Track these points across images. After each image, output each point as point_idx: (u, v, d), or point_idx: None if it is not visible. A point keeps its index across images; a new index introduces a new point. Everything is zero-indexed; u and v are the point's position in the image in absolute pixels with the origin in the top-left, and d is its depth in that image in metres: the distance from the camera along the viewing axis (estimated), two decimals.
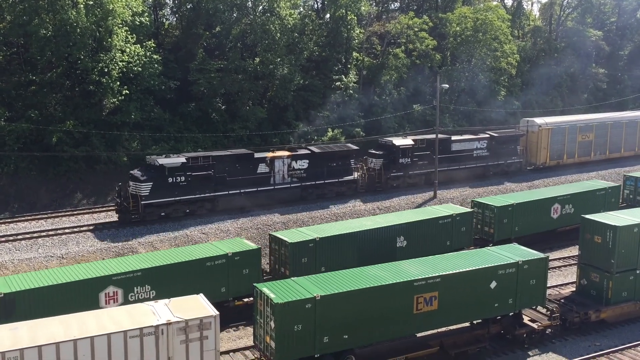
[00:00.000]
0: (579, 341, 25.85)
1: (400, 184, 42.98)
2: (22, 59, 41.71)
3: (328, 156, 39.63)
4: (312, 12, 55.86)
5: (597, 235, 26.80)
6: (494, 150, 46.85)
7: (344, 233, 29.06)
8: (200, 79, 44.80)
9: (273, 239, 28.93)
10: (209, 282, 24.85)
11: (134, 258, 25.65)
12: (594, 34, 70.45)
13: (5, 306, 20.87)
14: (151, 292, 23.85)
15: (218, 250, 25.94)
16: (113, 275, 23.21)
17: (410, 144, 42.79)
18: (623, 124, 54.44)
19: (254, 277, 25.75)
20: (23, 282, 22.29)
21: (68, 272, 23.49)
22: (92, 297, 22.67)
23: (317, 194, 39.70)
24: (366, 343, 22.48)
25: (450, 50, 57.62)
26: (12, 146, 37.04)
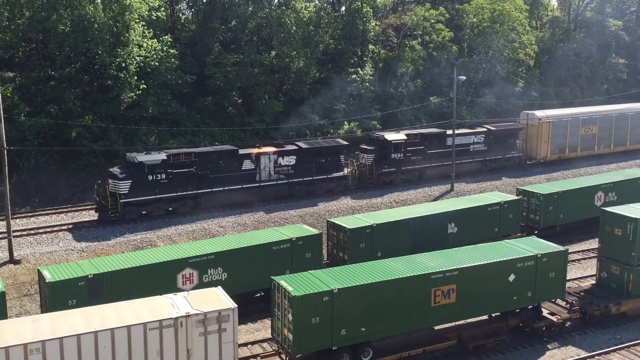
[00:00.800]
0: (599, 334, 25.61)
1: (393, 180, 41.91)
2: (41, 54, 42.13)
3: (316, 152, 38.63)
4: (327, 4, 55.68)
5: (617, 227, 26.49)
6: (491, 145, 45.74)
7: (399, 220, 30.34)
8: (216, 72, 44.93)
9: (331, 225, 30.21)
10: (275, 265, 26.30)
11: (207, 242, 27.64)
12: (614, 24, 69.43)
13: (94, 286, 22.65)
14: (223, 274, 25.52)
15: (283, 235, 27.48)
16: (189, 258, 24.89)
17: (402, 139, 41.69)
18: (629, 116, 53.04)
19: (316, 261, 27.64)
20: (109, 264, 23.91)
21: (148, 255, 25.26)
22: (171, 278, 24.40)
23: (306, 191, 38.76)
24: (384, 336, 22.49)
25: (467, 42, 57.14)
26: (32, 141, 37.48)
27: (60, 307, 21.08)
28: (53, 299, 22.01)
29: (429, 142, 42.95)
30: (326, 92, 49.72)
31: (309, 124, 46.84)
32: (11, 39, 39.99)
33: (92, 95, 40.86)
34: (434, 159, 43.04)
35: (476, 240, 30.68)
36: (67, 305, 21.74)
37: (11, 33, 40.14)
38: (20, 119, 37.33)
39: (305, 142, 39.53)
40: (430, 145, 42.96)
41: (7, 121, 32.82)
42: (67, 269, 23.34)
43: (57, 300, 22.01)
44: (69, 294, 22.28)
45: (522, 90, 58.00)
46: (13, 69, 41.18)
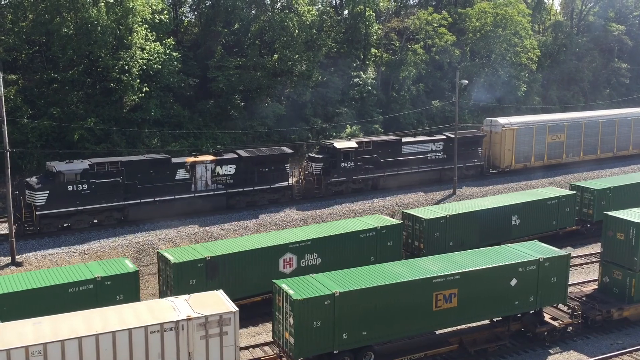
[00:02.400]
0: (601, 339, 25.56)
1: (344, 190, 40.07)
2: (44, 57, 42.25)
3: (258, 161, 36.74)
4: (330, 8, 55.79)
5: (620, 232, 26.44)
6: (451, 153, 43.03)
7: (469, 211, 32.30)
8: (219, 76, 45.00)
9: (406, 216, 32.04)
10: (361, 252, 28.36)
11: (303, 229, 29.86)
12: (617, 29, 69.44)
13: (211, 268, 24.97)
14: (317, 259, 27.54)
15: (368, 225, 29.20)
16: (290, 243, 26.98)
17: (353, 147, 39.78)
18: (599, 124, 50.99)
19: (397, 249, 29.57)
20: (221, 248, 26.20)
21: (254, 240, 27.55)
22: (274, 262, 26.54)
23: (247, 202, 37.00)
24: (385, 340, 22.46)
25: (470, 46, 57.17)
26: (35, 143, 37.56)
27: (183, 286, 23.91)
28: (178, 279, 24.32)
29: (383, 151, 40.98)
30: (328, 95, 49.77)
31: (311, 127, 46.88)
32: (15, 42, 40.11)
33: (95, 97, 40.95)
34: (388, 168, 41.09)
35: (537, 232, 33.56)
36: (188, 284, 24.17)
37: (15, 35, 40.27)
38: (23, 121, 37.41)
39: (246, 151, 37.54)
40: (384, 153, 40.95)
41: (10, 123, 32.87)
42: (185, 252, 25.64)
43: (181, 279, 24.39)
44: (190, 274, 24.62)
45: (524, 95, 57.99)
46: (16, 71, 41.32)
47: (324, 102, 49.62)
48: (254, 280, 25.95)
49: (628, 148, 53.14)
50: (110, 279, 22.54)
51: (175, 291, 23.87)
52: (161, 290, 25.98)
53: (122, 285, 22.77)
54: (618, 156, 52.59)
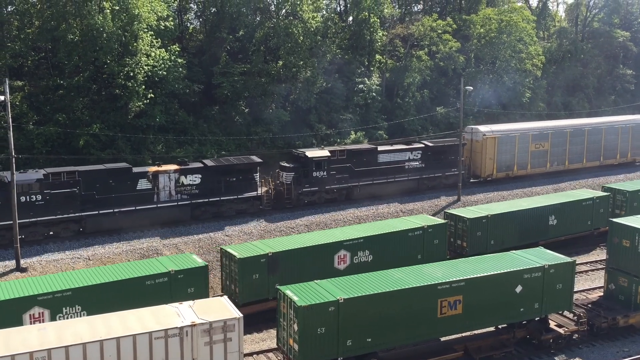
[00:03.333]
0: (607, 347, 25.43)
1: (316, 200, 38.99)
2: (50, 63, 42.43)
3: (225, 170, 35.84)
4: (334, 15, 55.89)
5: (625, 239, 26.35)
6: (429, 162, 42.50)
7: (509, 211, 33.62)
8: (223, 82, 45.10)
9: (449, 215, 33.33)
10: (410, 250, 29.75)
11: (355, 228, 31.24)
12: (621, 35, 69.37)
13: (272, 263, 26.38)
14: (369, 256, 28.90)
15: (416, 224, 30.54)
16: (344, 241, 28.35)
17: (325, 156, 38.63)
18: (585, 132, 49.91)
19: (442, 247, 30.73)
20: (281, 244, 27.74)
21: (310, 238, 29.12)
22: (329, 258, 27.96)
23: (213, 213, 35.93)
24: (390, 346, 22.40)
25: (474, 52, 57.19)
26: (41, 149, 37.67)
27: (246, 280, 25.84)
28: (242, 274, 25.85)
29: (358, 159, 39.88)
30: (333, 101, 49.82)
31: (316, 134, 46.92)
32: (20, 48, 40.30)
33: (100, 104, 41.09)
34: (363, 177, 39.98)
35: (572, 232, 35.38)
36: (252, 278, 25.90)
37: (20, 42, 40.47)
38: (29, 128, 37.55)
39: (212, 160, 36.88)
40: (359, 162, 39.87)
41: (16, 130, 33.04)
42: (248, 249, 27.15)
43: (245, 274, 25.93)
44: (254, 269, 26.09)
45: (529, 101, 57.93)
46: (22, 77, 41.51)
47: (329, 108, 49.65)
48: (310, 275, 26.19)
49: (615, 157, 52.05)
50: (183, 273, 24.10)
51: (239, 285, 25.96)
52: (224, 285, 27.57)
53: (193, 279, 24.39)
54: (605, 165, 51.36)
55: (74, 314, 22.18)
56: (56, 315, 21.89)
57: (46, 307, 21.81)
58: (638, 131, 53.05)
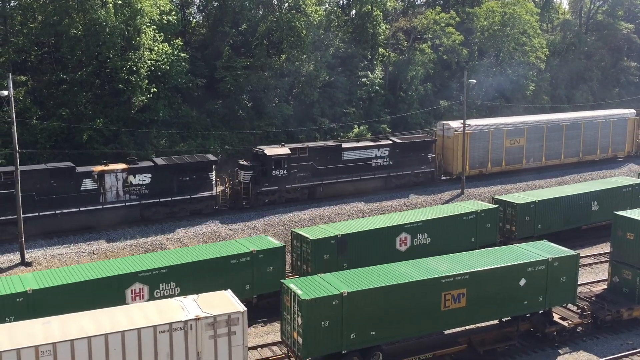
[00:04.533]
0: (611, 340, 25.41)
1: (276, 199, 37.87)
2: (53, 58, 42.46)
3: (177, 169, 34.79)
4: (337, 8, 55.74)
5: (629, 232, 26.29)
6: (398, 159, 41.29)
7: (556, 197, 35.17)
8: (226, 76, 45.07)
9: (498, 201, 34.79)
10: (464, 233, 31.46)
11: (415, 212, 32.99)
12: (626, 27, 69.03)
13: (341, 244, 28.15)
14: (427, 238, 30.57)
15: (469, 209, 32.18)
16: (405, 224, 30.08)
17: (286, 153, 37.45)
18: (563, 127, 48.33)
19: (493, 231, 32.51)
20: (348, 227, 29.53)
21: (375, 221, 30.87)
22: (392, 240, 29.72)
23: (164, 213, 34.86)
24: (393, 340, 22.43)
25: (478, 45, 57.00)
26: (44, 144, 37.75)
27: (318, 260, 27.65)
28: (314, 254, 27.62)
29: (321, 157, 38.68)
30: (336, 95, 49.74)
31: (319, 128, 46.88)
32: (24, 43, 40.34)
33: (104, 98, 41.13)
34: (326, 175, 38.77)
35: None
36: (323, 258, 27.63)
37: (24, 37, 40.50)
38: (33, 122, 37.63)
39: (164, 159, 35.61)
40: (322, 160, 38.68)
41: (19, 124, 33.09)
42: (319, 231, 28.86)
43: (317, 254, 27.66)
44: (325, 249, 27.75)
45: (532, 94, 57.74)
46: (25, 72, 41.55)
47: (332, 102, 49.59)
48: (375, 256, 28.46)
49: (595, 152, 50.43)
50: (263, 253, 25.88)
51: (312, 264, 27.64)
52: (294, 265, 29.11)
53: (272, 258, 26.15)
54: (584, 161, 49.91)
55: (169, 290, 24.18)
56: (154, 291, 23.90)
57: (145, 283, 23.78)
58: (619, 126, 51.42)
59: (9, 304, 21.28)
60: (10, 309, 21.22)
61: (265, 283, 25.92)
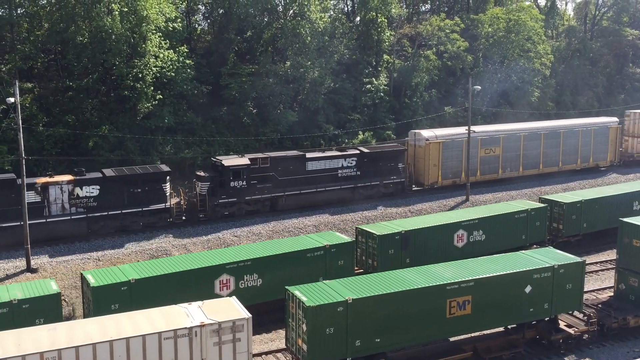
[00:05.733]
0: (617, 347, 25.27)
1: (235, 212, 36.52)
2: (60, 65, 42.68)
3: (127, 180, 33.29)
4: (342, 15, 55.90)
5: (635, 238, 26.16)
6: (365, 169, 39.99)
7: (600, 197, 36.55)
8: (231, 83, 45.21)
9: (543, 200, 36.22)
10: (515, 230, 32.84)
11: (469, 211, 34.42)
12: (631, 33, 69.00)
13: (405, 240, 29.60)
14: (482, 235, 31.88)
15: (520, 207, 33.56)
16: (462, 221, 31.43)
17: (244, 164, 36.16)
18: (541, 135, 46.97)
19: (542, 229, 33.81)
20: (411, 224, 30.99)
21: (435, 219, 32.42)
22: (450, 236, 31.09)
23: (115, 227, 33.51)
24: (398, 347, 22.36)
25: (482, 52, 57.04)
26: (50, 150, 37.92)
27: (384, 255, 29.04)
28: (380, 249, 29.03)
29: (283, 167, 37.42)
30: (341, 102, 49.80)
31: (324, 134, 46.92)
32: (30, 50, 40.59)
33: (109, 105, 41.29)
34: (289, 186, 37.56)
35: None
36: (388, 253, 29.10)
37: (30, 44, 40.75)
38: (39, 129, 37.79)
39: (114, 170, 34.06)
40: (284, 170, 37.46)
41: (25, 131, 33.26)
42: (383, 227, 30.35)
43: (383, 249, 29.08)
44: (390, 244, 29.26)
45: (537, 100, 57.68)
46: (32, 79, 41.76)
47: (336, 108, 49.66)
48: (434, 251, 30.09)
49: (576, 162, 49.04)
50: (335, 247, 27.62)
51: (378, 259, 29.02)
52: (359, 260, 30.10)
53: (343, 252, 27.83)
54: (564, 171, 48.45)
55: (252, 281, 25.86)
56: (239, 282, 25.58)
57: (232, 275, 25.38)
58: (601, 134, 49.99)
59: (115, 292, 22.98)
60: (116, 297, 22.91)
61: (337, 275, 26.64)
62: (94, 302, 22.78)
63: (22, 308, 21.49)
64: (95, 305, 22.73)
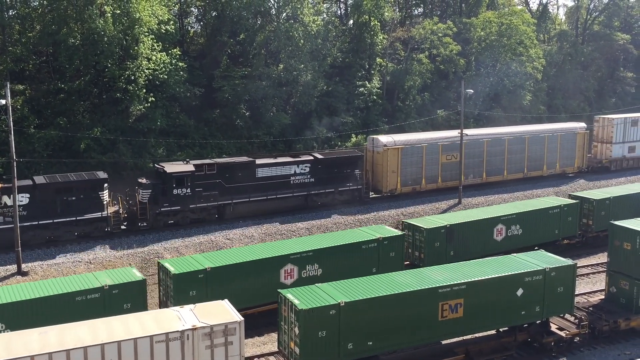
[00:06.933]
0: (608, 350, 25.38)
1: (180, 220, 35.09)
2: (51, 67, 42.53)
3: (60, 188, 31.48)
4: (335, 18, 56.04)
5: (626, 241, 26.31)
6: (320, 176, 38.57)
7: (627, 194, 37.87)
8: (224, 85, 45.18)
9: (573, 197, 37.71)
10: (550, 226, 34.47)
11: (507, 206, 36.07)
12: (622, 38, 69.49)
13: (450, 234, 31.17)
14: (519, 229, 33.49)
15: (553, 204, 35.20)
16: (501, 216, 33.23)
17: (189, 171, 34.67)
18: (505, 141, 45.55)
19: (574, 224, 35.50)
20: (455, 218, 32.55)
21: (474, 213, 34.18)
22: (489, 230, 32.72)
23: (46, 237, 31.93)
24: (391, 350, 22.35)
25: (475, 55, 57.29)
26: (42, 153, 37.76)
27: (430, 247, 30.69)
28: (427, 242, 30.68)
29: (231, 174, 35.91)
30: (334, 104, 49.87)
31: (317, 137, 46.96)
32: (22, 52, 40.43)
33: (101, 107, 41.18)
34: (237, 194, 36.04)
35: None
36: (434, 246, 30.69)
37: (22, 46, 40.60)
38: (30, 131, 37.64)
39: (46, 177, 32.49)
40: (232, 177, 35.90)
41: (17, 133, 33.11)
42: (429, 222, 31.89)
43: (430, 243, 30.74)
44: (436, 237, 30.83)
45: (529, 104, 57.98)
46: (23, 81, 41.61)
47: (329, 111, 49.74)
48: (475, 244, 31.87)
49: (542, 168, 47.75)
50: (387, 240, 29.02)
51: (425, 251, 30.68)
52: (407, 253, 31.02)
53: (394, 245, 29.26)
54: (529, 177, 47.21)
55: (314, 270, 27.17)
56: (302, 271, 26.92)
57: (296, 264, 26.69)
58: (568, 140, 48.75)
59: (193, 279, 24.67)
60: (194, 284, 24.60)
61: (389, 266, 28.27)
62: (175, 289, 24.39)
63: (112, 293, 22.87)
64: (175, 292, 24.36)
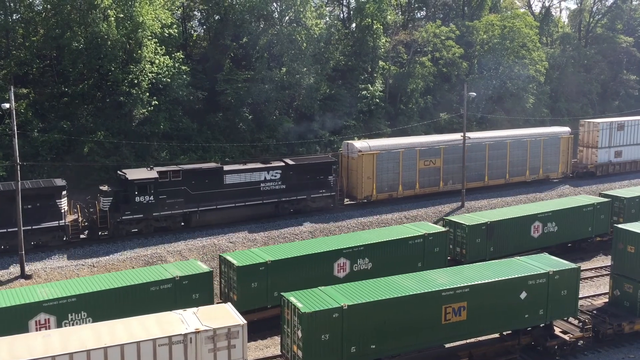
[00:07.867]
0: (612, 353, 25.33)
1: (142, 229, 33.89)
2: (55, 71, 42.65)
3: (13, 195, 29.68)
4: (338, 21, 56.06)
5: (630, 245, 26.26)
6: (291, 183, 37.54)
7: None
8: (227, 89, 45.23)
9: (604, 195, 38.67)
10: (583, 223, 35.51)
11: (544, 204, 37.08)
12: (625, 40, 69.39)
13: (489, 230, 32.36)
14: (555, 227, 34.45)
15: (588, 202, 36.24)
16: (538, 214, 34.13)
17: (152, 177, 33.47)
18: (485, 146, 44.42)
19: (606, 223, 36.31)
20: (495, 216, 33.80)
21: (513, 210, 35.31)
22: (527, 227, 33.74)
23: (0, 247, 30.89)
24: (394, 353, 22.32)
25: (477, 58, 57.28)
26: (45, 156, 37.83)
27: (472, 244, 31.94)
28: (468, 238, 31.89)
29: (197, 181, 34.75)
30: (336, 108, 49.89)
31: (320, 140, 46.96)
32: (26, 56, 40.54)
33: (105, 111, 41.25)
34: (204, 201, 34.95)
35: None
36: (475, 242, 31.98)
37: (26, 50, 40.72)
38: (34, 135, 37.73)
39: (1, 184, 31.38)
40: (198, 184, 34.73)
41: (20, 137, 33.16)
42: (470, 219, 33.26)
43: (471, 239, 31.93)
44: (477, 234, 32.06)
45: (532, 107, 57.92)
46: (27, 85, 41.71)
47: (332, 114, 49.76)
48: (513, 241, 33.21)
49: (524, 173, 46.55)
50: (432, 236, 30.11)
51: (466, 248, 31.97)
52: (450, 250, 31.96)
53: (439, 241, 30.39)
54: (511, 183, 45.92)
55: (364, 264, 28.44)
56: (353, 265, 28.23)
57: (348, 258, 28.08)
58: (551, 145, 47.57)
59: (255, 271, 26.21)
60: (256, 276, 26.18)
61: (433, 261, 29.59)
62: (238, 280, 25.97)
63: (182, 284, 24.13)
64: (239, 283, 25.97)
